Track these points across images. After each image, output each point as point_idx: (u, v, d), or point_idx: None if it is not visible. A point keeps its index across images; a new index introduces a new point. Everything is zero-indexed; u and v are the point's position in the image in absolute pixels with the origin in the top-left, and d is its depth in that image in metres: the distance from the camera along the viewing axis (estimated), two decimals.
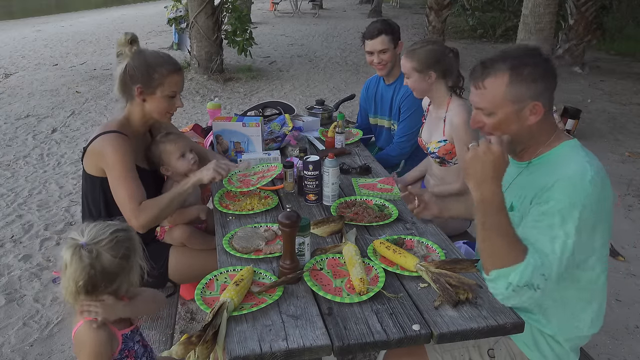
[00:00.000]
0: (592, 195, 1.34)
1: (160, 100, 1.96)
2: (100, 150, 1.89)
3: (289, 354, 1.26)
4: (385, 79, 2.94)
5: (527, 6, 5.59)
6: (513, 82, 1.41)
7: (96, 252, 1.31)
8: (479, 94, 1.46)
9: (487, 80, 1.43)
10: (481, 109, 1.47)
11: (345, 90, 7.37)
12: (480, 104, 1.46)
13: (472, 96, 1.49)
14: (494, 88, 1.43)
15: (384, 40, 2.76)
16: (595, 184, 1.35)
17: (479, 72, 1.45)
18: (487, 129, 1.48)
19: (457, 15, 14.02)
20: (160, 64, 1.94)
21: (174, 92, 1.97)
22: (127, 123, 2.00)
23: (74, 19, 17.02)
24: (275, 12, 17.31)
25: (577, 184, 1.35)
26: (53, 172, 4.65)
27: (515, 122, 1.44)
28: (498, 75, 1.42)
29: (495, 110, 1.44)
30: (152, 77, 1.92)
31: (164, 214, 1.92)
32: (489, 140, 1.37)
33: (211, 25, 7.87)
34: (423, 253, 1.66)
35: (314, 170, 2.02)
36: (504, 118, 1.44)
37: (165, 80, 1.93)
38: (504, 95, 1.42)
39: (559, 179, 1.38)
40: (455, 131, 2.30)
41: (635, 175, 4.63)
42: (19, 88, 7.68)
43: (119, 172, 1.86)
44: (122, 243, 1.36)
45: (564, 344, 1.53)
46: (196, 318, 2.67)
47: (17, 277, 3.04)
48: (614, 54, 10.55)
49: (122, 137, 1.91)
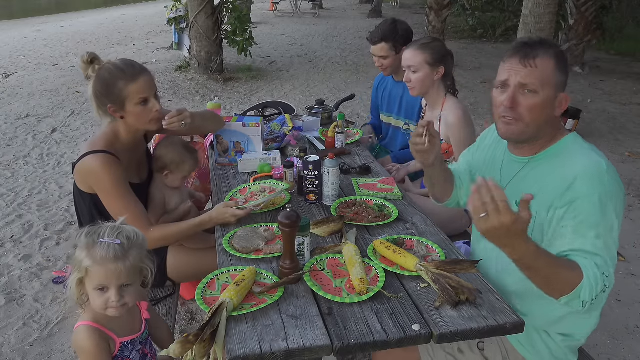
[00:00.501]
0: (614, 183, 1.36)
1: (134, 111, 1.87)
2: (90, 171, 1.84)
3: (289, 354, 1.26)
4: (394, 76, 2.96)
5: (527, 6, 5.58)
6: (557, 69, 1.41)
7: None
8: (528, 71, 1.40)
9: (538, 60, 1.40)
10: (525, 85, 1.41)
11: (345, 90, 7.37)
12: (526, 79, 1.40)
13: (514, 74, 1.42)
14: (545, 68, 1.40)
15: (384, 48, 2.79)
16: (611, 173, 1.37)
17: (528, 50, 1.41)
18: (520, 109, 1.42)
19: (457, 15, 14.01)
20: (117, 77, 1.83)
21: (142, 98, 1.86)
22: (115, 140, 1.92)
23: (74, 19, 17.02)
24: (275, 12, 17.31)
25: (598, 175, 1.36)
26: (53, 172, 4.65)
27: (548, 108, 1.43)
28: (546, 59, 1.40)
29: (540, 90, 1.40)
30: (114, 93, 1.84)
31: (170, 242, 1.97)
32: (521, 209, 1.16)
33: (211, 25, 7.87)
34: (423, 253, 1.66)
35: (314, 170, 2.02)
36: (544, 100, 1.41)
37: (128, 91, 1.84)
38: (551, 77, 1.41)
39: (577, 175, 1.36)
40: (451, 130, 2.30)
41: (635, 175, 4.63)
42: (19, 88, 7.68)
43: (116, 197, 1.83)
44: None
45: (562, 345, 1.53)
46: (196, 318, 2.67)
47: (17, 277, 3.04)
48: (614, 54, 10.55)
49: (112, 159, 1.84)
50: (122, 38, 12.59)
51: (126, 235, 1.38)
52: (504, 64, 1.46)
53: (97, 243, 1.34)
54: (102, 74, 1.86)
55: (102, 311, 1.38)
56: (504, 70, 1.45)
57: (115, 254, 1.33)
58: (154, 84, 1.93)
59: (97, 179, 1.83)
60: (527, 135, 1.47)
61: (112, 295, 1.34)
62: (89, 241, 1.35)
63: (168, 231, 1.91)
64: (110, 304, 1.35)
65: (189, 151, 2.13)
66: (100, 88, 1.85)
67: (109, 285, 1.34)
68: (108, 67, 1.87)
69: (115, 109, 1.86)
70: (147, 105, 1.88)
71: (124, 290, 1.37)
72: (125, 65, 1.88)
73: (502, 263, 1.57)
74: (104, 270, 1.33)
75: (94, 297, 1.37)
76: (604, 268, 1.29)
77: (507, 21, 12.68)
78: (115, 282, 1.34)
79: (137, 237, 1.41)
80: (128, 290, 1.38)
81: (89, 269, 1.33)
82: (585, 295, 1.25)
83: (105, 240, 1.35)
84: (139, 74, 1.86)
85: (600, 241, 1.31)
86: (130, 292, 1.38)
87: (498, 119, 1.48)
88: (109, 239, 1.35)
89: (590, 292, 1.26)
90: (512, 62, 1.43)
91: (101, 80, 1.86)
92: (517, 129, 1.45)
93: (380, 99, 3.08)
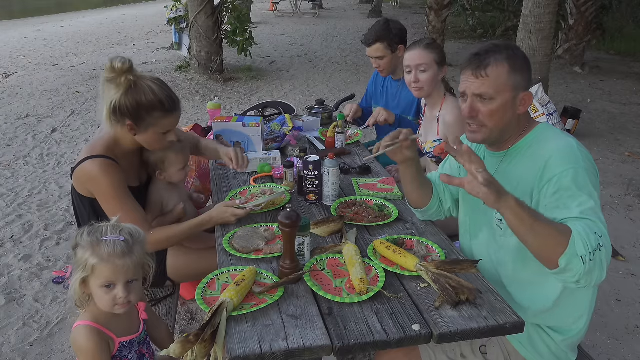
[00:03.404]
0: (587, 159, 1.41)
1: (152, 136, 1.87)
2: (89, 176, 1.81)
3: (289, 354, 1.26)
4: (392, 76, 2.96)
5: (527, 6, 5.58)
6: (512, 71, 1.47)
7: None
8: (480, 82, 1.47)
9: (489, 69, 1.46)
10: (480, 95, 1.48)
11: (345, 90, 7.38)
12: (480, 89, 1.47)
13: (469, 85, 1.50)
14: (497, 75, 1.46)
15: (379, 48, 2.80)
16: (582, 150, 1.43)
17: (478, 62, 1.48)
18: (481, 117, 1.50)
19: (457, 15, 14.02)
20: (154, 107, 1.80)
21: (167, 130, 1.88)
22: (115, 145, 1.88)
23: (74, 19, 17.02)
24: (275, 12, 17.31)
25: (570, 152, 1.41)
26: (53, 172, 4.65)
27: (509, 110, 1.49)
28: (498, 64, 1.46)
29: (495, 96, 1.47)
30: (145, 119, 1.81)
31: (171, 243, 1.96)
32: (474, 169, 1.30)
33: (211, 25, 7.88)
34: (423, 253, 1.66)
35: (314, 170, 2.02)
36: (502, 104, 1.47)
37: (159, 122, 1.84)
38: (506, 81, 1.46)
39: (550, 156, 1.41)
40: (449, 130, 2.31)
41: (635, 175, 4.63)
42: (19, 88, 7.68)
43: (116, 201, 1.82)
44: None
45: (560, 343, 1.54)
46: (196, 318, 2.67)
47: (17, 277, 3.04)
48: (614, 54, 10.55)
49: (111, 163, 1.81)
50: (122, 38, 12.60)
51: (128, 232, 1.41)
52: (461, 75, 1.54)
53: (101, 241, 1.35)
54: (139, 95, 1.79)
55: (109, 309, 1.39)
56: (461, 81, 1.53)
57: (122, 250, 1.35)
58: (180, 117, 1.94)
59: (96, 183, 1.82)
60: (494, 138, 1.55)
61: (120, 292, 1.36)
62: (93, 240, 1.36)
63: (168, 233, 1.90)
64: (118, 300, 1.37)
65: (174, 145, 2.03)
66: (130, 107, 1.79)
67: (116, 282, 1.36)
68: (146, 90, 1.80)
69: (134, 128, 1.83)
70: (166, 135, 1.90)
71: (130, 286, 1.39)
72: (165, 97, 1.83)
73: (495, 256, 1.62)
74: (111, 267, 1.34)
75: (100, 295, 1.37)
76: (594, 227, 1.29)
77: (507, 21, 12.68)
78: (122, 277, 1.36)
79: (138, 233, 1.43)
80: (133, 286, 1.40)
81: (95, 267, 1.34)
82: (580, 249, 1.24)
83: (109, 237, 1.36)
84: (174, 110, 1.87)
85: (584, 207, 1.33)
86: (135, 287, 1.40)
87: (465, 127, 1.58)
88: (112, 236, 1.37)
89: (585, 245, 1.24)
90: (467, 74, 1.51)
91: (136, 100, 1.79)
92: (482, 135, 1.54)
93: (379, 95, 3.08)
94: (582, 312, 1.54)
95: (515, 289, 1.58)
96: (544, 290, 1.51)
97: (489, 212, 1.61)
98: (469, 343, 1.56)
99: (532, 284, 1.53)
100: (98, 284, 1.36)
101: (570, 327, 1.54)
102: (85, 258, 1.35)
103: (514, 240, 1.47)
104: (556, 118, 4.83)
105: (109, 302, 1.37)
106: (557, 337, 1.55)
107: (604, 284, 2.86)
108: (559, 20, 8.06)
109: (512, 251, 1.55)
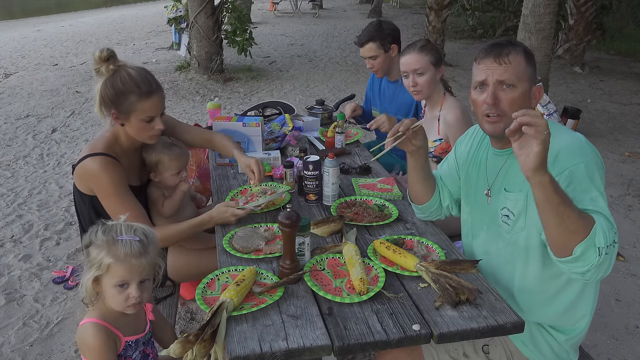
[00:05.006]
0: (595, 154, 1.41)
1: (136, 125, 1.85)
2: (89, 174, 1.83)
3: (289, 354, 1.26)
4: (387, 77, 2.96)
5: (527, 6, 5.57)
6: (527, 63, 1.49)
7: None
8: (502, 68, 1.46)
9: (511, 56, 1.47)
10: (503, 81, 1.46)
11: (345, 90, 7.38)
12: (503, 75, 1.46)
13: (491, 72, 1.47)
14: (517, 63, 1.47)
15: (372, 48, 2.80)
16: (590, 145, 1.43)
17: (499, 49, 1.48)
18: (502, 105, 1.47)
19: (457, 15, 14.02)
20: (130, 90, 1.80)
21: (149, 117, 1.85)
22: (115, 143, 1.90)
23: (74, 19, 17.02)
24: (275, 12, 17.31)
25: (580, 146, 1.41)
26: (53, 172, 4.65)
27: (526, 100, 1.49)
28: (517, 55, 1.48)
29: (517, 84, 1.46)
30: (123, 104, 1.81)
31: (171, 242, 1.96)
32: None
33: (211, 25, 7.88)
34: (423, 253, 1.66)
35: (314, 170, 2.02)
36: (522, 93, 1.47)
37: (137, 106, 1.81)
38: (524, 70, 1.48)
39: (558, 151, 1.39)
40: (450, 129, 2.31)
41: (635, 175, 4.63)
42: (19, 88, 7.68)
43: (116, 199, 1.82)
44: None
45: (563, 343, 1.54)
46: (196, 318, 2.67)
47: (17, 277, 3.04)
48: (614, 54, 10.55)
49: (111, 161, 1.83)
50: (122, 38, 12.60)
51: (142, 232, 1.42)
52: (478, 66, 1.52)
53: (117, 241, 1.37)
54: (116, 81, 1.81)
55: (121, 308, 1.40)
56: (479, 71, 1.51)
57: (138, 250, 1.37)
58: (164, 103, 1.91)
59: (96, 181, 1.82)
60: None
61: (133, 291, 1.38)
62: (108, 239, 1.37)
63: (168, 232, 1.91)
64: (131, 299, 1.38)
65: (166, 147, 2.04)
66: (110, 94, 1.82)
67: (131, 281, 1.37)
68: (124, 75, 1.82)
69: (118, 117, 1.85)
70: (151, 123, 1.87)
71: (142, 286, 1.40)
72: (141, 80, 1.83)
73: (503, 252, 1.61)
74: (127, 267, 1.36)
75: (112, 294, 1.38)
76: (612, 221, 1.29)
77: (507, 21, 12.68)
78: (137, 277, 1.38)
79: (151, 233, 1.45)
80: (145, 285, 1.41)
81: (110, 266, 1.35)
82: (600, 240, 1.23)
83: (124, 237, 1.37)
84: (152, 93, 1.84)
85: (598, 201, 1.33)
86: (148, 287, 1.42)
87: (482, 118, 1.53)
88: (127, 236, 1.38)
89: (605, 238, 1.23)
90: (487, 62, 1.49)
91: (114, 87, 1.81)
92: (503, 124, 1.49)
93: (377, 98, 3.08)
94: (585, 311, 1.54)
95: (520, 290, 1.56)
96: (559, 296, 1.50)
97: (492, 210, 1.60)
98: (472, 342, 1.56)
99: (542, 291, 1.51)
100: (112, 283, 1.37)
101: (573, 326, 1.54)
102: (100, 257, 1.36)
103: (522, 237, 1.48)
104: (556, 118, 4.83)
105: (121, 301, 1.39)
106: (560, 337, 1.54)
107: (604, 284, 2.86)
108: (559, 20, 8.06)
109: (521, 248, 1.52)
